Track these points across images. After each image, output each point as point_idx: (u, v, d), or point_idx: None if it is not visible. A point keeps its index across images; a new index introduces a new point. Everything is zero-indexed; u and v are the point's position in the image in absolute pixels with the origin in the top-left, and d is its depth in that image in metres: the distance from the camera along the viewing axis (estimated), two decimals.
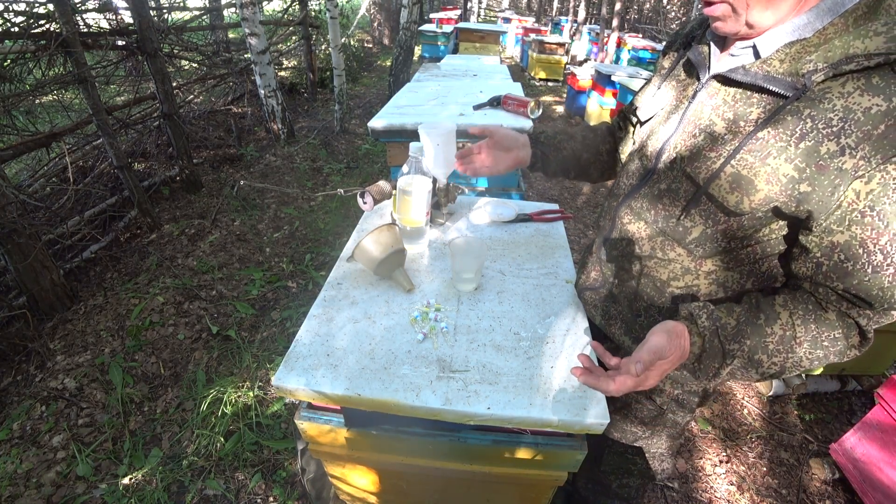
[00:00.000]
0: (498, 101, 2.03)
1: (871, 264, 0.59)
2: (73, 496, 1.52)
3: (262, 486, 1.58)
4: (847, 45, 0.56)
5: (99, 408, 1.83)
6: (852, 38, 0.56)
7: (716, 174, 0.67)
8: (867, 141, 0.54)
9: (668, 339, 0.65)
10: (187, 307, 2.37)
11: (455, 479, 0.97)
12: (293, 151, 4.38)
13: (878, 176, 0.55)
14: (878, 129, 0.54)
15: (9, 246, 2.06)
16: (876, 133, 0.54)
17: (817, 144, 0.58)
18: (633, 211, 0.82)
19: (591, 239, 1.10)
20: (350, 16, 10.63)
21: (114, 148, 2.71)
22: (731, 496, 1.64)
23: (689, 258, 0.77)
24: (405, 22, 4.98)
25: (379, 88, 7.35)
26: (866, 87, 0.54)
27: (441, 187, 1.24)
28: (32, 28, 2.56)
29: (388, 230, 0.97)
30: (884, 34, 0.54)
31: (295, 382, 0.77)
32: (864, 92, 0.54)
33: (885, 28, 0.54)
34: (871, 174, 0.55)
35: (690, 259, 0.77)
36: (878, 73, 0.54)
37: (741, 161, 0.65)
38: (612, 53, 8.61)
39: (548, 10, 17.82)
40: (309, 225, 3.21)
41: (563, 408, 0.75)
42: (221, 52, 5.42)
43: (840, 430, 1.88)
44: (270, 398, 1.89)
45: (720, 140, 0.68)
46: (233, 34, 6.75)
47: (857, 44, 0.55)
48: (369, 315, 0.92)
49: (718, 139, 0.68)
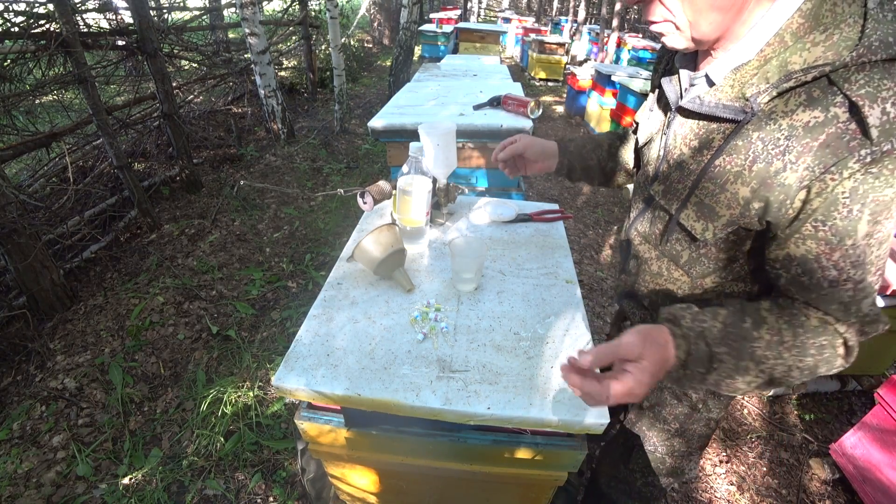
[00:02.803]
0: (498, 101, 2.03)
1: (826, 279, 0.59)
2: (73, 496, 1.52)
3: (262, 486, 1.58)
4: (784, 63, 0.57)
5: (99, 408, 1.83)
6: (789, 54, 0.57)
7: (683, 204, 0.72)
8: (808, 154, 0.55)
9: (639, 340, 0.60)
10: (187, 307, 2.37)
11: (455, 479, 0.97)
12: (293, 151, 4.38)
13: (820, 186, 0.56)
14: (817, 141, 0.55)
15: (9, 246, 2.06)
16: (816, 144, 0.55)
17: (768, 165, 0.59)
18: (640, 234, 0.87)
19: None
20: (350, 16, 10.64)
21: (114, 148, 2.71)
22: (731, 496, 1.64)
23: (688, 278, 0.80)
24: (405, 22, 4.98)
25: (379, 88, 7.35)
26: (807, 101, 0.56)
27: (441, 187, 1.24)
28: (32, 28, 2.56)
29: (388, 230, 0.97)
30: (822, 43, 0.55)
31: (295, 382, 0.77)
32: (806, 107, 0.56)
33: (824, 36, 0.55)
34: (814, 185, 0.56)
35: (689, 280, 0.80)
36: (817, 85, 0.55)
37: (703, 189, 0.68)
38: (612, 53, 8.61)
39: (548, 10, 17.82)
40: (309, 225, 3.21)
41: (563, 408, 0.75)
42: (221, 52, 5.43)
43: (840, 430, 1.88)
44: (270, 398, 1.89)
45: (687, 170, 0.71)
46: (233, 34, 6.75)
47: (794, 59, 0.56)
48: (369, 315, 0.92)
49: (685, 169, 0.71)
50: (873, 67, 0.52)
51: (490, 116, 1.92)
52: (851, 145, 0.53)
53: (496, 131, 1.84)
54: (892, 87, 0.51)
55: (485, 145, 1.93)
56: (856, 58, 0.52)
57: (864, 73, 0.52)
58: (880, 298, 1.64)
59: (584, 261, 3.04)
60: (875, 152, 0.51)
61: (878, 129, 0.51)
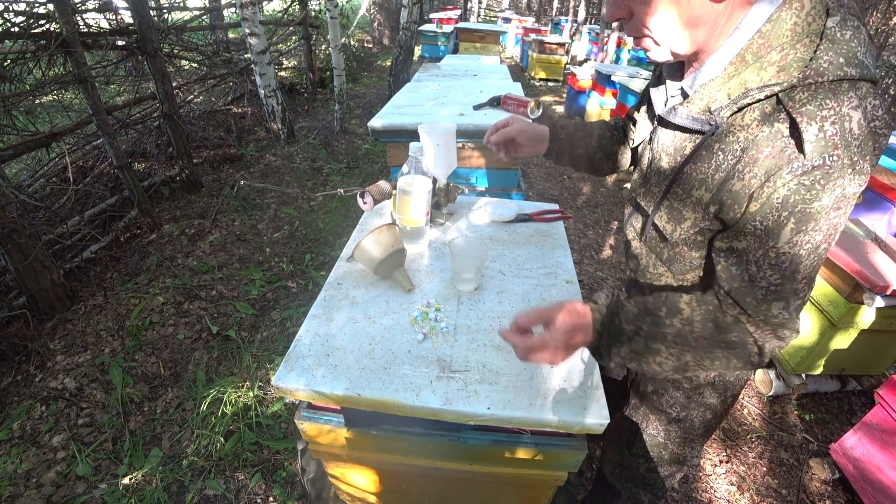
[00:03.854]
0: (498, 101, 2.03)
1: (748, 273, 0.65)
2: (73, 496, 1.52)
3: (262, 486, 1.58)
4: (744, 81, 0.61)
5: (99, 408, 1.83)
6: (749, 73, 0.61)
7: (657, 206, 0.77)
8: (754, 164, 0.60)
9: (561, 308, 0.70)
10: (187, 307, 2.37)
11: (455, 479, 0.97)
12: (293, 151, 4.38)
13: (759, 192, 0.60)
14: (762, 153, 0.59)
15: (9, 246, 2.06)
16: (761, 157, 0.59)
17: (725, 173, 0.64)
18: (633, 231, 0.91)
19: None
20: (350, 16, 10.63)
21: (114, 148, 2.71)
22: (731, 496, 1.64)
23: (671, 275, 0.84)
24: (405, 22, 4.98)
25: (379, 88, 7.35)
26: (760, 117, 0.60)
27: (441, 187, 1.24)
28: (32, 28, 2.55)
29: (388, 230, 0.97)
30: (776, 63, 0.59)
31: (295, 382, 0.77)
32: (759, 123, 0.60)
33: (780, 56, 0.59)
34: (756, 192, 0.61)
35: (672, 276, 0.84)
36: (769, 103, 0.60)
37: (673, 193, 0.74)
38: (612, 53, 8.61)
39: (548, 10, 17.81)
40: (309, 225, 3.21)
41: (563, 408, 0.75)
42: (221, 52, 5.42)
43: (840, 430, 1.88)
44: (270, 398, 1.89)
45: (663, 175, 0.77)
46: (233, 34, 6.74)
47: (753, 77, 0.60)
48: (369, 315, 0.92)
49: (662, 174, 0.77)
50: (819, 88, 0.56)
51: (490, 116, 1.92)
52: (789, 158, 0.57)
53: None
54: (833, 108, 0.55)
55: (485, 145, 1.93)
56: (802, 79, 0.56)
57: (808, 93, 0.56)
58: (880, 298, 1.64)
59: (584, 261, 3.04)
60: (806, 166, 0.56)
61: (811, 144, 0.55)
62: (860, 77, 0.55)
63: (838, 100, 0.55)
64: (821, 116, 0.55)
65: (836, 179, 0.56)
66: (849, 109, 0.54)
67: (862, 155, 0.55)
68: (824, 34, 0.57)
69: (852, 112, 0.54)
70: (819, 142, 0.55)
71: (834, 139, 0.54)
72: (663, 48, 0.66)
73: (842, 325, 1.75)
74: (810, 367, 1.91)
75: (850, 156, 0.55)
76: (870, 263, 1.68)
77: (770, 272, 0.63)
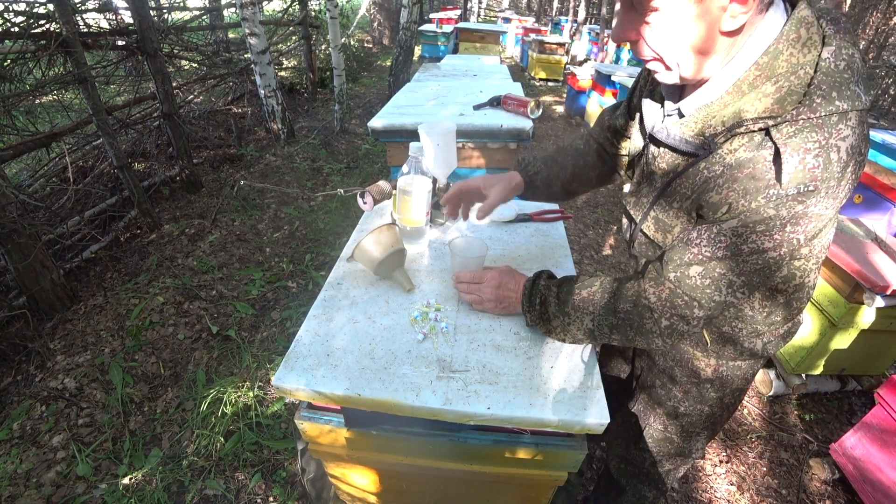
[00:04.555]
0: (498, 101, 2.03)
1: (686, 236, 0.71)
2: (73, 496, 1.52)
3: (262, 486, 1.58)
4: (739, 110, 0.62)
5: (99, 408, 1.83)
6: (744, 103, 0.62)
7: (644, 216, 0.81)
8: (734, 182, 0.63)
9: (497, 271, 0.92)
10: (187, 307, 2.37)
11: (455, 479, 0.97)
12: (293, 151, 4.38)
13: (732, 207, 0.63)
14: (743, 173, 0.62)
15: (9, 246, 2.06)
16: (742, 176, 0.62)
17: (708, 187, 0.67)
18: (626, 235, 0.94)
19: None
20: (350, 16, 10.63)
21: (114, 148, 2.71)
22: (731, 496, 1.64)
23: None
24: (405, 22, 4.98)
25: (379, 88, 7.35)
26: (748, 143, 0.62)
27: (441, 187, 1.24)
28: (32, 28, 2.55)
29: (388, 230, 0.97)
30: (771, 95, 0.59)
31: (295, 382, 0.77)
32: (746, 148, 0.62)
33: (774, 88, 0.59)
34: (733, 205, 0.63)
35: None
36: (759, 134, 0.61)
37: (659, 205, 0.77)
38: (611, 53, 8.61)
39: (548, 10, 17.81)
40: (309, 225, 3.21)
41: (563, 408, 0.75)
42: (221, 52, 5.42)
43: (840, 430, 1.88)
44: (270, 398, 1.89)
45: (653, 187, 0.80)
46: (233, 34, 6.75)
47: (748, 108, 0.61)
48: (369, 315, 0.92)
49: (652, 185, 0.80)
50: (808, 122, 0.57)
51: (490, 116, 1.92)
52: (767, 184, 0.59)
53: (496, 131, 1.84)
54: (818, 141, 0.56)
55: (485, 145, 1.93)
56: (795, 115, 0.57)
57: (796, 127, 0.57)
58: (880, 298, 1.64)
59: (584, 261, 3.04)
60: (780, 195, 0.58)
61: (789, 175, 0.57)
62: (851, 109, 0.56)
63: (825, 133, 0.56)
64: (804, 149, 0.56)
65: (802, 202, 0.58)
66: (836, 141, 0.56)
67: (839, 181, 0.57)
68: (819, 66, 0.58)
69: (839, 143, 0.56)
70: (797, 174, 0.57)
71: (814, 171, 0.56)
72: (673, 73, 0.66)
73: (842, 325, 1.75)
74: (810, 367, 1.91)
75: (827, 184, 0.57)
76: (870, 263, 1.68)
77: (706, 244, 0.67)
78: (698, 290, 0.70)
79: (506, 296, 0.89)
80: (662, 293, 0.73)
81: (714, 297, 0.70)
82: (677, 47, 0.63)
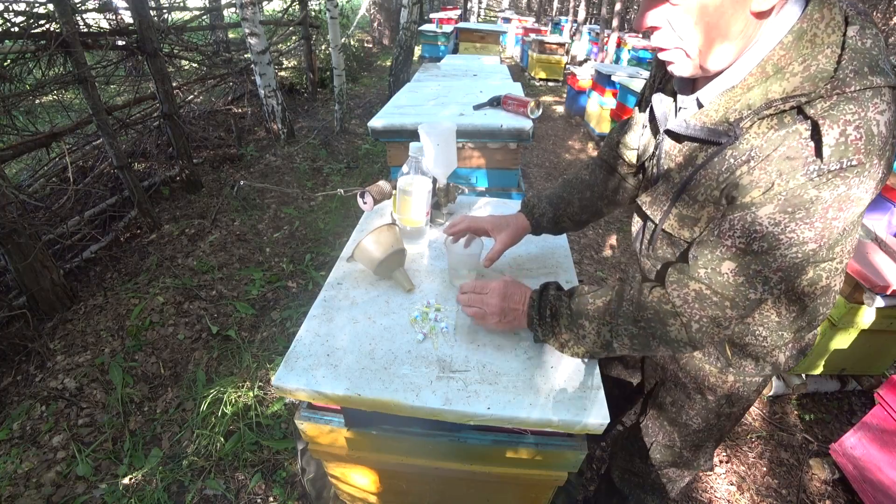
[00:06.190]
0: (498, 101, 2.03)
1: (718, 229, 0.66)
2: (73, 496, 1.52)
3: (262, 486, 1.58)
4: (765, 91, 0.60)
5: (99, 408, 1.83)
6: (770, 84, 0.60)
7: (665, 215, 0.77)
8: (766, 162, 0.59)
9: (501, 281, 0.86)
10: (187, 307, 2.37)
11: (455, 479, 0.97)
12: (293, 151, 4.38)
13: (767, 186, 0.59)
14: (777, 152, 0.58)
15: (9, 246, 2.06)
16: (776, 155, 0.58)
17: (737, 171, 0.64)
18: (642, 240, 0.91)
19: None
20: (350, 16, 10.62)
21: (114, 148, 2.71)
22: (731, 496, 1.64)
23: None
24: (405, 22, 4.98)
25: (379, 88, 7.35)
26: (778, 124, 0.59)
27: (441, 187, 1.24)
28: (32, 28, 2.55)
29: (388, 230, 0.97)
30: (800, 74, 0.58)
31: (295, 382, 0.77)
32: (775, 129, 0.59)
33: (802, 67, 0.58)
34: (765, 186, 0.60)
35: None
36: (790, 114, 0.58)
37: (682, 201, 0.73)
38: (612, 53, 8.61)
39: (548, 10, 17.81)
40: (309, 225, 3.21)
41: (563, 408, 0.75)
42: (221, 52, 5.43)
43: (840, 430, 1.88)
44: (270, 398, 1.89)
45: (671, 183, 0.76)
46: (233, 34, 6.74)
47: (775, 88, 0.59)
48: (369, 315, 0.92)
49: (670, 182, 0.76)
50: (842, 97, 0.54)
51: (490, 116, 1.92)
52: (805, 161, 0.56)
53: (496, 131, 1.84)
54: (857, 113, 0.53)
55: (485, 145, 1.93)
56: (830, 90, 0.55)
57: (831, 102, 0.55)
58: (880, 298, 1.64)
59: (584, 261, 3.04)
60: (822, 169, 0.54)
61: (830, 148, 0.53)
62: (885, 85, 0.54)
63: (863, 106, 0.53)
64: (844, 121, 0.53)
65: (847, 180, 0.54)
66: (874, 114, 0.53)
67: (881, 158, 0.54)
68: (846, 44, 0.56)
69: (878, 116, 0.53)
70: (839, 146, 0.53)
71: (857, 143, 0.53)
72: (693, 61, 0.64)
73: (842, 325, 1.75)
74: (810, 367, 1.91)
75: (870, 160, 0.53)
76: (870, 263, 1.68)
77: (740, 235, 0.62)
78: (731, 287, 0.65)
79: (511, 308, 0.84)
80: (689, 294, 0.68)
81: (749, 295, 0.65)
82: (705, 33, 0.60)
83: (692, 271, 0.68)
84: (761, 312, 0.80)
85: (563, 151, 5.08)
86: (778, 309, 0.78)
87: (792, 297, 0.76)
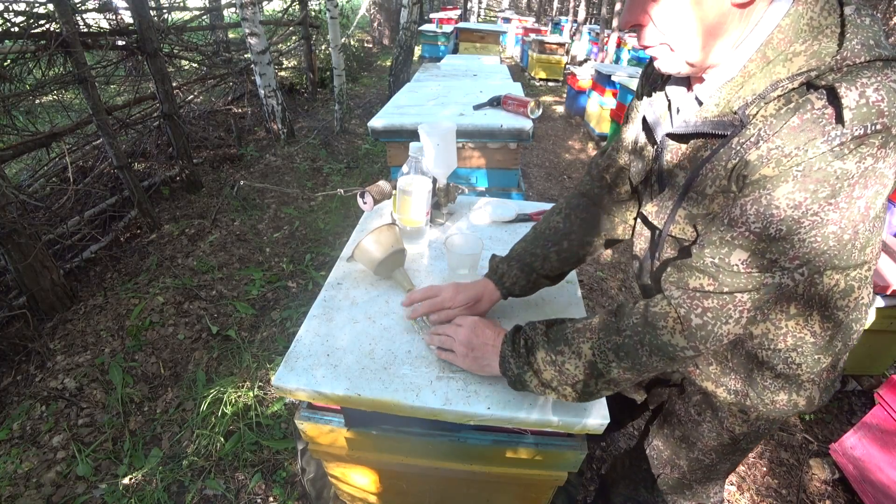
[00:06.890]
0: (498, 101, 2.03)
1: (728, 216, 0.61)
2: (73, 496, 1.52)
3: (262, 486, 1.58)
4: (769, 74, 0.58)
5: (99, 408, 1.83)
6: (773, 66, 0.58)
7: (671, 218, 0.73)
8: (777, 137, 0.55)
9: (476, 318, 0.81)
10: (187, 307, 2.37)
11: (455, 479, 0.97)
12: (293, 151, 4.38)
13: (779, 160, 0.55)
14: (789, 125, 0.54)
15: (9, 246, 2.06)
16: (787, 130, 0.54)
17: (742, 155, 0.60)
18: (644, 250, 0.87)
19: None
20: (350, 16, 10.62)
21: (114, 148, 2.71)
22: (731, 496, 1.64)
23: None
24: (405, 22, 4.98)
25: (379, 88, 7.35)
26: (785, 101, 0.57)
27: (441, 187, 1.24)
28: (32, 28, 2.55)
29: (388, 230, 0.97)
30: (803, 52, 0.56)
31: (295, 382, 0.77)
32: (784, 106, 0.56)
33: (804, 46, 0.56)
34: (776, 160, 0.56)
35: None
36: (799, 91, 0.56)
37: (689, 198, 0.70)
38: (612, 53, 8.61)
39: (548, 10, 17.81)
40: (309, 225, 3.21)
41: (563, 408, 0.75)
42: (221, 52, 5.42)
43: (840, 430, 1.88)
44: (270, 398, 1.89)
45: (676, 187, 0.73)
46: (233, 34, 6.73)
47: (781, 70, 0.58)
48: (369, 315, 0.92)
49: (675, 186, 0.73)
50: (853, 67, 0.52)
51: (490, 116, 1.92)
52: (824, 129, 0.51)
53: (496, 131, 1.85)
54: (873, 76, 0.50)
55: (485, 145, 1.93)
56: (840, 61, 0.53)
57: (842, 73, 0.52)
58: (880, 298, 1.64)
59: None
60: (845, 135, 0.50)
61: (852, 111, 0.49)
62: (892, 58, 0.52)
63: (878, 72, 0.50)
64: (861, 83, 0.50)
65: (874, 149, 0.50)
66: (890, 82, 0.49)
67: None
68: (846, 21, 0.54)
69: (893, 84, 0.49)
70: (860, 108, 0.49)
71: (879, 105, 0.48)
72: (678, 56, 0.63)
73: None
74: None
75: (894, 123, 0.49)
76: None
77: (754, 220, 0.57)
78: (742, 276, 0.59)
79: (481, 343, 0.76)
80: (689, 284, 0.63)
81: (765, 280, 0.59)
82: (687, 27, 0.60)
83: (696, 261, 0.63)
84: (794, 334, 0.73)
85: (562, 151, 5.08)
86: (812, 328, 0.72)
87: (823, 308, 0.70)
